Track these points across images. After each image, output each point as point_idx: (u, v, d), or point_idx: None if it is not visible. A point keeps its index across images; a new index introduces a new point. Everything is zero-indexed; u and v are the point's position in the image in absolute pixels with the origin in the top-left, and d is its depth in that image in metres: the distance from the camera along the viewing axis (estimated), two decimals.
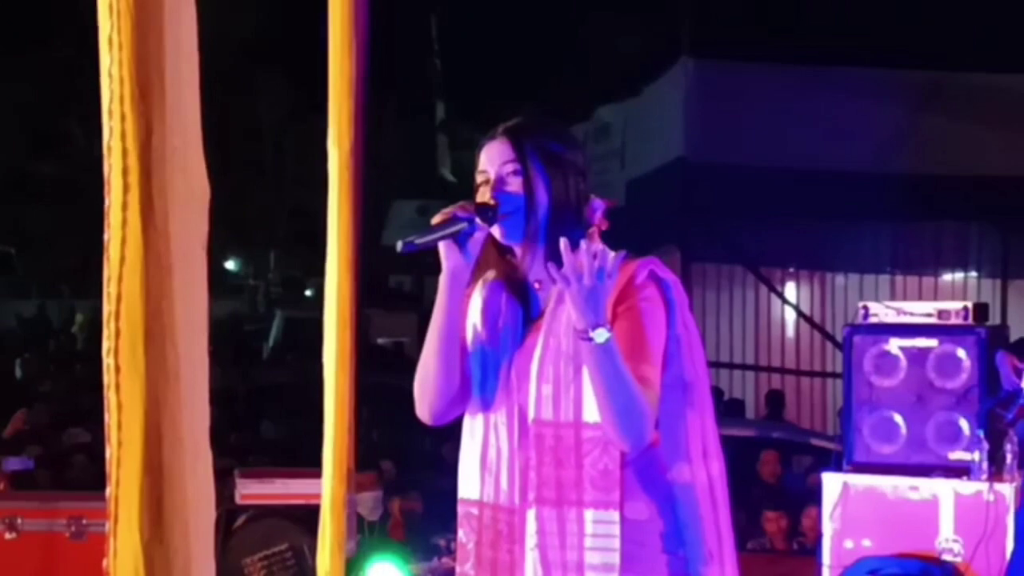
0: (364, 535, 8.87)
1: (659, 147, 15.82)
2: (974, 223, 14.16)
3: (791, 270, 16.80)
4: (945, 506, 7.79)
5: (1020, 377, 7.26)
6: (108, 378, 2.25)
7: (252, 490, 8.65)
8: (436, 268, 3.71)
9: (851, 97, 14.25)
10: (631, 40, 24.00)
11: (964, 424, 7.73)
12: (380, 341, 25.67)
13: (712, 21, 16.30)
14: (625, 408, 3.39)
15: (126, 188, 2.21)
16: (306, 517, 7.77)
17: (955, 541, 7.72)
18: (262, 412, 15.96)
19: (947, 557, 7.72)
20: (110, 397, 2.24)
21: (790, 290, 16.72)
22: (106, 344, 2.25)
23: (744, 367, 15.98)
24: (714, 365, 15.87)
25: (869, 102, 14.21)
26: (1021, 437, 7.49)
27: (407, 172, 35.76)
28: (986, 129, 14.30)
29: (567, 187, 3.70)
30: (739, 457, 11.67)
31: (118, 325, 2.22)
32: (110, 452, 2.25)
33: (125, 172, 2.21)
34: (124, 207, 2.20)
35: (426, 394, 3.90)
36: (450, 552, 9.25)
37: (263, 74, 26.15)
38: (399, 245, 3.59)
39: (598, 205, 3.81)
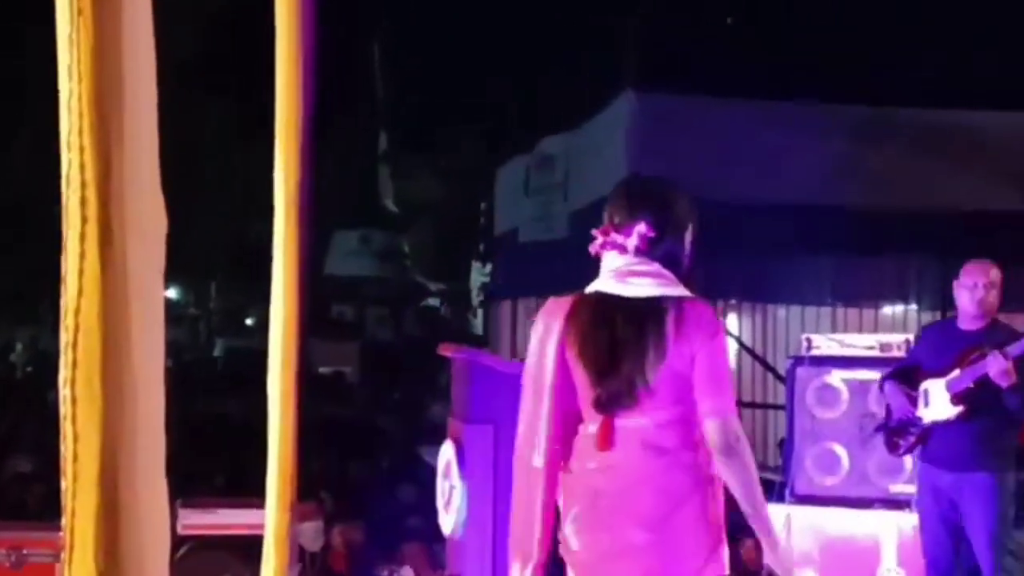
0: (305, 566, 8.84)
1: (602, 179, 15.84)
2: (914, 256, 14.27)
3: (733, 302, 16.86)
4: (887, 538, 7.84)
5: (915, 405, 7.31)
6: (64, 409, 2.24)
7: (193, 520, 8.60)
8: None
9: (794, 131, 14.35)
10: (575, 72, 24.08)
11: (906, 457, 7.77)
12: (321, 370, 25.61)
13: (656, 55, 16.37)
14: None
15: (84, 219, 2.20)
16: (248, 548, 7.72)
17: (897, 572, 7.77)
18: (202, 441, 15.85)
19: None
20: (66, 428, 2.23)
21: (732, 322, 16.78)
22: (63, 374, 2.24)
23: None
24: None
25: (811, 136, 14.31)
26: None
27: (348, 201, 35.71)
28: (926, 164, 14.42)
29: None
30: None
31: (75, 355, 2.21)
32: (65, 483, 2.24)
33: (83, 203, 2.20)
34: (82, 238, 2.19)
35: None
36: None
37: (204, 100, 26.07)
38: None
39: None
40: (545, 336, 4.60)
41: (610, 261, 4.60)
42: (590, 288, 4.63)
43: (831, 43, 20.30)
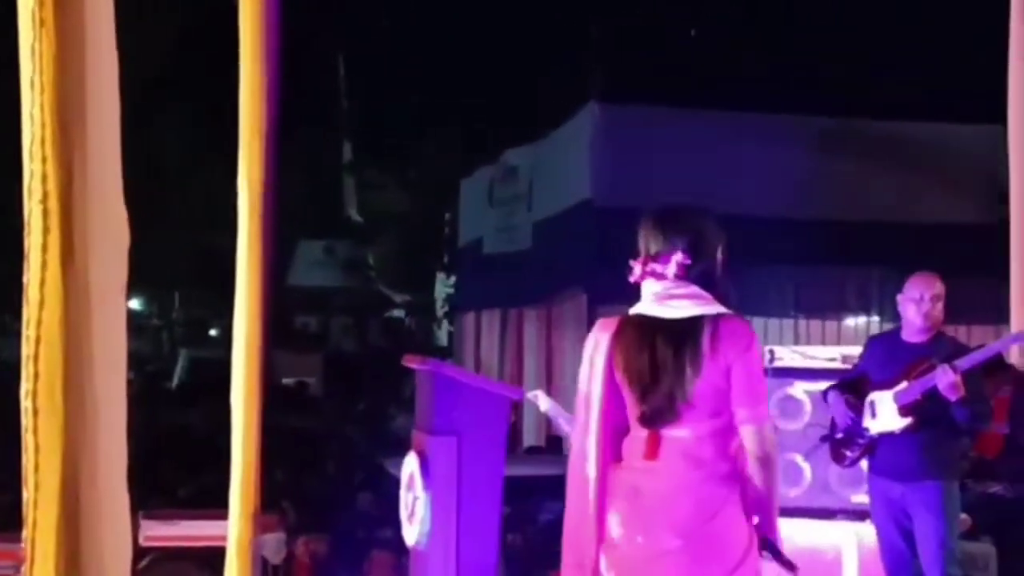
0: None
1: (566, 190, 15.88)
2: (876, 269, 14.31)
3: None
4: (848, 549, 7.87)
5: (860, 416, 7.34)
6: (26, 421, 2.23)
7: (156, 532, 8.58)
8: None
9: (756, 143, 14.38)
10: (540, 83, 24.12)
11: (866, 468, 7.79)
12: (285, 381, 25.51)
13: (620, 66, 16.40)
14: None
15: (46, 230, 2.19)
16: (211, 559, 7.70)
17: None
18: (164, 453, 15.79)
19: None
20: (27, 439, 2.22)
21: None
22: (24, 387, 2.23)
23: None
24: None
25: (773, 148, 14.35)
26: None
27: (312, 212, 35.64)
28: (888, 176, 14.49)
29: None
30: None
31: (36, 368, 2.20)
32: (27, 495, 2.23)
33: (45, 215, 2.19)
34: (44, 249, 2.18)
35: None
36: None
37: (166, 112, 25.99)
38: None
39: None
40: (594, 353, 4.96)
41: (650, 286, 4.93)
42: (634, 310, 4.96)
43: (794, 55, 20.40)
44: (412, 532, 7.34)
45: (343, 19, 29.55)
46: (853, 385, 7.49)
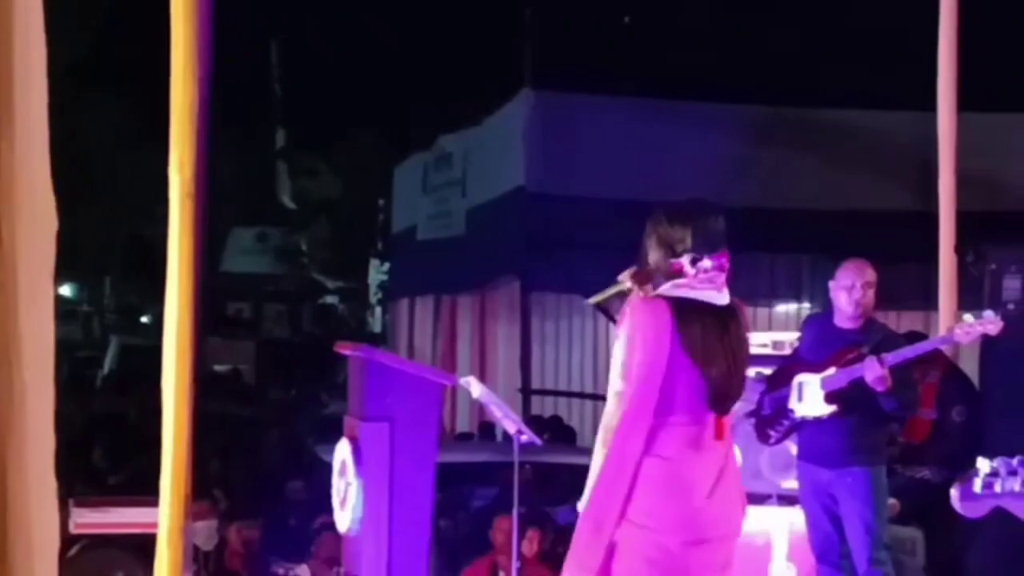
0: (199, 565, 8.80)
1: (499, 177, 15.90)
2: (806, 256, 14.41)
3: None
4: (779, 534, 7.92)
5: (786, 395, 7.39)
6: None
7: (86, 519, 8.54)
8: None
9: (688, 130, 14.45)
10: (474, 70, 24.12)
11: (796, 453, 7.84)
12: (218, 368, 25.41)
13: (554, 54, 16.43)
14: None
15: None
16: (141, 546, 7.67)
17: (788, 569, 7.86)
18: (95, 440, 15.69)
19: None
20: None
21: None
22: None
23: (582, 395, 16.08)
24: (553, 393, 15.98)
25: (706, 135, 14.42)
26: None
27: (245, 198, 35.50)
28: (819, 164, 14.58)
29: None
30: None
31: None
32: None
33: None
34: None
35: None
36: None
37: (94, 98, 25.79)
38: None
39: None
40: (658, 333, 4.95)
41: (706, 275, 5.08)
42: (681, 294, 5.04)
43: (727, 43, 20.49)
44: (344, 518, 7.34)
45: (277, 5, 29.44)
46: (785, 372, 7.53)
